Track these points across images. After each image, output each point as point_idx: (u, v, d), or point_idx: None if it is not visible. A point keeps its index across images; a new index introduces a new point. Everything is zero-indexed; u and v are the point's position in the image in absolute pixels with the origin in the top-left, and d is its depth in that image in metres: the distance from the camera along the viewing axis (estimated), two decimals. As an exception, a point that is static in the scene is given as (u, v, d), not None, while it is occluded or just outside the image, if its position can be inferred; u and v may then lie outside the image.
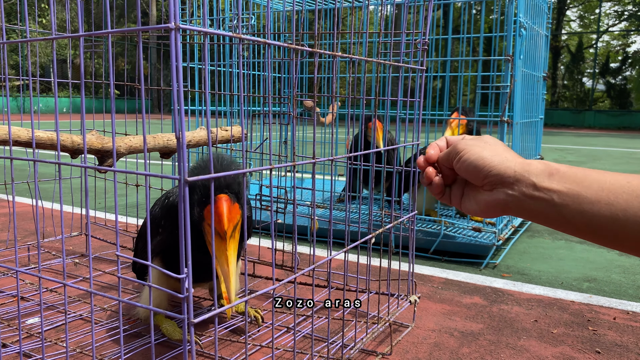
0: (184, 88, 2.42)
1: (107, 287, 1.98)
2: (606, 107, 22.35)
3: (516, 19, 2.32)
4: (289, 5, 2.93)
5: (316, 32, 1.11)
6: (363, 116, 1.54)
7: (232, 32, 2.78)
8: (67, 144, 1.52)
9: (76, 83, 1.97)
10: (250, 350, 1.48)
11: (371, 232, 1.46)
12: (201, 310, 1.77)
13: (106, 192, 3.03)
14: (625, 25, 23.63)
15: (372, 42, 2.85)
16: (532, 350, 1.54)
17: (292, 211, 1.24)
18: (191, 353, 0.82)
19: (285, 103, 2.07)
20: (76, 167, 1.69)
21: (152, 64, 19.65)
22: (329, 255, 1.20)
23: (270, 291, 1.37)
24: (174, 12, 0.72)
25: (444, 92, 2.59)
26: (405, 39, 1.56)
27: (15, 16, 18.55)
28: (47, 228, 2.67)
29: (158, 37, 2.77)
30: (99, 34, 0.81)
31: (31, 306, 1.75)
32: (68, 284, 0.93)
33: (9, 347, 1.44)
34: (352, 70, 1.24)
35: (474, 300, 1.95)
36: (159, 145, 1.76)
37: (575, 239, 2.88)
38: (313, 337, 1.26)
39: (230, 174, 0.90)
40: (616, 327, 1.73)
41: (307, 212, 2.98)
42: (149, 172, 0.83)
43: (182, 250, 0.77)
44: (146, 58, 15.02)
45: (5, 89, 1.32)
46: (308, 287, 1.99)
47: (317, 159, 1.09)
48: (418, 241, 2.51)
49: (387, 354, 1.49)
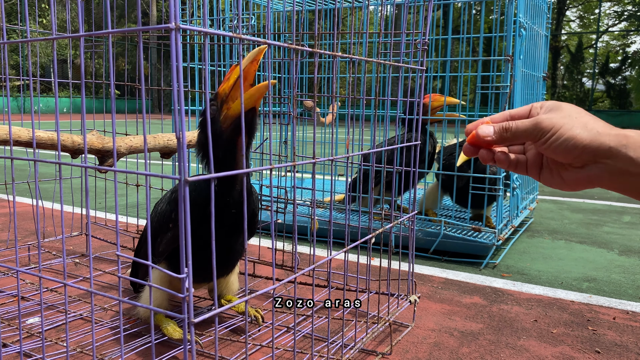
0: (184, 88, 2.42)
1: (108, 287, 1.98)
2: (606, 107, 22.34)
3: (516, 19, 2.32)
4: (289, 5, 2.93)
5: (316, 32, 1.11)
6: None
7: (232, 32, 2.78)
8: (68, 144, 1.52)
9: (76, 83, 1.97)
10: (250, 350, 1.48)
11: (371, 232, 1.46)
12: (201, 310, 1.77)
13: (106, 192, 3.03)
14: (625, 25, 23.63)
15: (372, 42, 2.85)
16: (531, 350, 1.54)
17: (292, 211, 1.25)
18: (191, 353, 0.82)
19: (285, 103, 2.07)
20: (76, 167, 1.70)
21: (153, 64, 19.65)
22: (329, 255, 1.20)
23: (270, 291, 1.38)
24: (174, 12, 0.72)
25: (444, 92, 2.60)
26: (405, 39, 1.56)
27: (15, 16, 18.55)
28: (47, 228, 2.67)
29: (158, 37, 2.77)
30: (99, 34, 0.81)
31: (31, 306, 1.75)
32: (68, 284, 0.93)
33: (10, 346, 1.44)
34: (352, 70, 1.24)
35: (474, 300, 1.95)
36: (159, 145, 1.76)
37: (575, 239, 2.88)
38: (313, 337, 1.26)
39: (230, 174, 0.90)
40: (616, 327, 1.73)
41: (307, 212, 2.98)
42: (149, 172, 0.83)
43: (182, 250, 0.78)
44: (146, 58, 15.02)
45: (5, 89, 1.32)
46: (308, 287, 1.99)
47: (317, 159, 1.09)
48: (418, 241, 2.51)
49: (387, 354, 1.49)
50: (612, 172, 0.59)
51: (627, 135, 0.57)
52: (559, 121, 0.61)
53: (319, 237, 2.70)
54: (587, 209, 3.79)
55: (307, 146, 4.02)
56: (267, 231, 2.77)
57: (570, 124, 0.60)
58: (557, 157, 0.63)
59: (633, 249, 2.70)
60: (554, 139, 0.60)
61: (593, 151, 0.58)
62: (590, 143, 0.58)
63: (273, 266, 1.02)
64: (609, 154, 0.58)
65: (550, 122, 0.61)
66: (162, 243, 1.43)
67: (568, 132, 0.60)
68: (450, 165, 2.65)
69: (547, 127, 0.61)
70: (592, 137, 0.58)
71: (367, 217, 2.77)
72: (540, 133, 0.62)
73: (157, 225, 1.45)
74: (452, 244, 2.47)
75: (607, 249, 2.71)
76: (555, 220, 3.37)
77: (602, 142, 0.58)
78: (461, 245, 2.45)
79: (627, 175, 0.58)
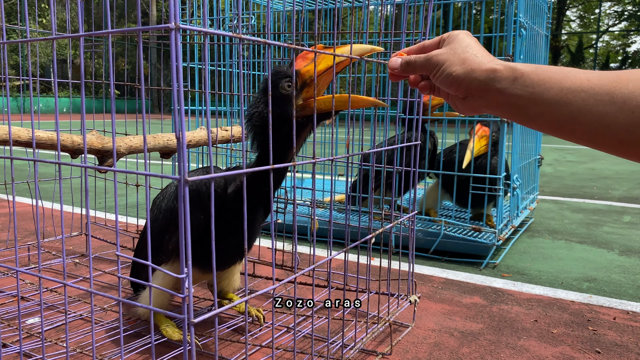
0: (184, 88, 2.42)
1: (107, 287, 1.98)
2: (606, 107, 22.30)
3: (516, 19, 2.32)
4: (289, 5, 2.93)
5: (316, 32, 1.11)
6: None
7: (232, 32, 2.78)
8: (67, 143, 1.52)
9: (76, 83, 1.97)
10: (251, 350, 1.48)
11: (371, 232, 1.46)
12: (201, 310, 1.77)
13: (106, 192, 3.03)
14: (625, 25, 23.63)
15: (372, 42, 2.85)
16: (532, 350, 1.54)
17: (292, 211, 1.24)
18: (191, 353, 0.82)
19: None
20: (76, 167, 1.70)
21: (152, 64, 19.66)
22: (329, 255, 1.20)
23: (270, 291, 1.37)
24: (174, 12, 0.72)
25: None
26: (405, 39, 1.56)
27: (15, 16, 18.55)
28: (47, 228, 2.67)
29: (158, 37, 2.77)
30: (99, 34, 0.81)
31: (31, 306, 1.75)
32: (68, 284, 0.93)
33: (9, 347, 1.44)
34: (352, 70, 1.24)
35: (474, 300, 1.95)
36: (159, 145, 1.76)
37: (576, 239, 2.88)
38: (313, 337, 1.26)
39: (230, 174, 0.90)
40: (616, 327, 1.73)
41: (307, 212, 2.98)
42: (149, 172, 0.83)
43: (182, 250, 0.77)
44: (146, 58, 15.03)
45: (5, 89, 1.32)
46: (308, 287, 1.99)
47: (317, 159, 1.09)
48: (418, 241, 2.51)
49: (387, 354, 1.49)
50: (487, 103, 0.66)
51: (495, 69, 0.65)
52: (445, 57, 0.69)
53: (319, 237, 2.69)
54: (587, 209, 3.78)
55: (307, 146, 4.02)
56: (267, 231, 2.77)
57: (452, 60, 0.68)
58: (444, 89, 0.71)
59: (633, 249, 2.70)
60: (438, 74, 0.69)
61: (466, 86, 0.66)
62: (463, 79, 0.66)
63: (273, 266, 1.02)
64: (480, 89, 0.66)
65: (437, 58, 0.70)
66: (171, 241, 1.41)
67: (448, 68, 0.68)
68: (450, 165, 2.65)
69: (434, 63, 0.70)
70: (466, 74, 0.66)
71: (367, 217, 2.77)
72: (430, 68, 0.71)
73: (164, 222, 1.42)
74: (452, 244, 2.47)
75: (608, 249, 2.71)
76: (555, 220, 3.37)
77: (474, 78, 0.65)
78: (461, 245, 2.45)
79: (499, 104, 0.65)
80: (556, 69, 0.63)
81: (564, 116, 0.60)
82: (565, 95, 0.60)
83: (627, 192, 4.56)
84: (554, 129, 0.63)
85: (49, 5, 8.15)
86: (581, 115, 0.59)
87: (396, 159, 2.35)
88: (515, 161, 2.60)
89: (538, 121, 0.64)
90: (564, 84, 0.61)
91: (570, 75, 0.61)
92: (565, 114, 0.60)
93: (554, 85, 0.61)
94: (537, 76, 0.62)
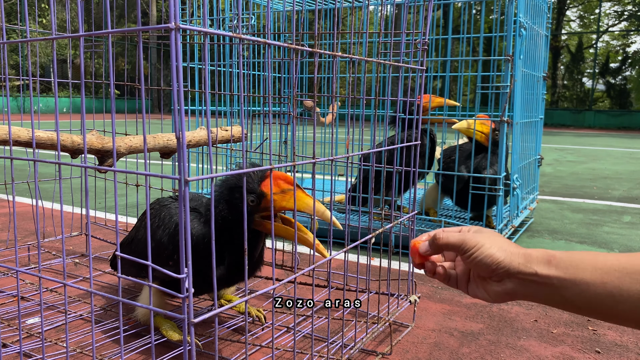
0: (184, 88, 2.42)
1: (107, 287, 1.98)
2: (606, 107, 22.34)
3: (516, 19, 2.32)
4: (289, 5, 2.93)
5: (316, 32, 1.11)
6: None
7: (232, 32, 2.78)
8: (67, 144, 1.52)
9: (76, 83, 1.97)
10: (251, 350, 1.48)
11: (371, 232, 1.46)
12: (201, 310, 1.77)
13: (106, 192, 3.03)
14: (625, 25, 23.63)
15: (372, 42, 2.85)
16: (532, 350, 1.54)
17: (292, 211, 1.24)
18: (191, 353, 0.82)
19: (285, 103, 2.07)
20: (76, 167, 1.70)
21: (152, 64, 19.66)
22: (329, 255, 1.20)
23: (270, 291, 1.37)
24: (174, 12, 0.72)
25: (444, 92, 2.59)
26: (405, 39, 1.56)
27: (15, 16, 18.55)
28: (47, 228, 2.67)
29: (158, 37, 2.77)
30: (99, 34, 0.81)
31: (31, 306, 1.75)
32: (68, 284, 0.93)
33: (9, 347, 1.44)
34: (352, 70, 1.24)
35: (474, 300, 1.95)
36: (159, 145, 1.76)
37: (576, 239, 2.88)
38: (313, 337, 1.26)
39: (229, 174, 0.90)
40: (616, 327, 1.73)
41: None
42: (149, 172, 0.83)
43: (182, 250, 0.77)
44: (146, 58, 15.03)
45: (5, 89, 1.32)
46: (308, 287, 1.99)
47: (317, 159, 1.09)
48: (418, 241, 2.50)
49: (387, 354, 1.49)
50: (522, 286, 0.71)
51: (530, 253, 0.71)
52: (481, 240, 0.75)
53: (319, 237, 2.69)
54: (587, 209, 3.78)
55: (307, 146, 4.02)
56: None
57: (489, 244, 0.74)
58: (479, 271, 0.76)
59: (633, 249, 2.70)
60: (476, 255, 0.74)
61: (506, 267, 0.71)
62: (504, 260, 0.72)
63: (273, 266, 1.02)
64: (518, 270, 0.71)
65: (474, 239, 0.75)
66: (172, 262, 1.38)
67: (487, 250, 0.73)
68: (450, 167, 2.65)
69: (472, 244, 0.75)
70: (505, 256, 0.72)
71: (367, 217, 2.77)
72: (466, 247, 0.75)
73: (153, 252, 1.33)
74: (452, 244, 2.46)
75: (607, 249, 2.71)
76: (555, 220, 3.37)
77: (513, 260, 0.71)
78: (461, 245, 2.44)
79: (535, 286, 0.70)
80: (585, 252, 0.68)
81: (602, 295, 0.64)
82: (601, 275, 0.64)
83: (627, 192, 4.56)
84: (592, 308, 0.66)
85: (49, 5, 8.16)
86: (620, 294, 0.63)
87: (396, 159, 2.36)
88: (515, 161, 2.59)
89: (576, 301, 0.66)
90: (597, 265, 0.65)
91: (599, 258, 0.66)
92: (602, 293, 0.64)
93: (587, 267, 0.65)
94: (569, 258, 0.67)
